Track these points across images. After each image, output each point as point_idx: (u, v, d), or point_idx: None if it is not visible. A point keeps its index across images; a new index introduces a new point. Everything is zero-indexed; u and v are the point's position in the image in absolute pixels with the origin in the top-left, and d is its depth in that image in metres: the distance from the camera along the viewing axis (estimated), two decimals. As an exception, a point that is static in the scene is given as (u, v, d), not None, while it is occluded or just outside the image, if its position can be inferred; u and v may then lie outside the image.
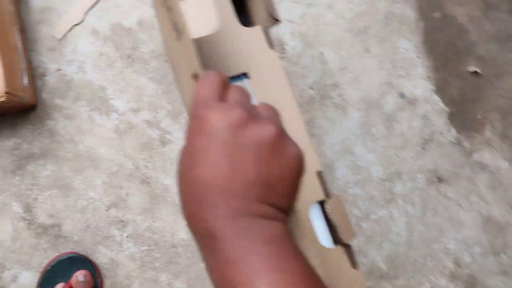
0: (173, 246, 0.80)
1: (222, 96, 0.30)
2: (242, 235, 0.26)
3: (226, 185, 0.27)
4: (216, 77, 0.31)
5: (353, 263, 0.40)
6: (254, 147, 0.27)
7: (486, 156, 1.00)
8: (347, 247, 0.40)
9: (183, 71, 0.51)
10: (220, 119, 0.28)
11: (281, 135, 0.29)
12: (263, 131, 0.28)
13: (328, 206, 0.41)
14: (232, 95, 0.30)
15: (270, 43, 0.43)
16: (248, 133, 0.27)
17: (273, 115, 0.31)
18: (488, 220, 0.98)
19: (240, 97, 0.30)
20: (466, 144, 0.99)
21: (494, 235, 0.98)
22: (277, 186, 0.28)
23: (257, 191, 0.27)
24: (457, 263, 0.95)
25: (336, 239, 0.41)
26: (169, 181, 0.82)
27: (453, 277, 0.94)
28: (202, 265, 0.81)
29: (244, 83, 0.41)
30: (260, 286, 0.24)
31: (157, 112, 0.84)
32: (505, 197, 1.00)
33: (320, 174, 0.42)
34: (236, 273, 0.25)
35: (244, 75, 0.42)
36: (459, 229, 0.96)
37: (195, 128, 0.28)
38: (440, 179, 0.97)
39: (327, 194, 0.41)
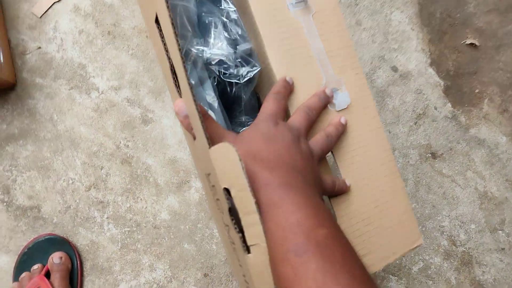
0: (155, 227, 0.67)
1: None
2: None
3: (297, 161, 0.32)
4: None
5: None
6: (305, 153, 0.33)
7: (483, 130, 0.83)
8: None
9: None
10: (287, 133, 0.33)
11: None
12: (302, 145, 0.34)
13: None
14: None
15: None
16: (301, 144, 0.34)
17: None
18: (484, 196, 0.82)
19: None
20: (462, 118, 0.82)
21: (490, 211, 0.82)
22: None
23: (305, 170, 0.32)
24: (452, 241, 0.79)
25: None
26: (151, 161, 0.68)
27: (448, 255, 0.78)
28: (185, 246, 0.67)
29: None
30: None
31: (139, 90, 0.70)
32: (502, 172, 0.83)
33: None
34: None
35: None
36: (454, 206, 0.80)
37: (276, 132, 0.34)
38: (434, 155, 0.80)
39: None
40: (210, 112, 0.38)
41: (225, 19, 0.39)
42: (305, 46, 0.35)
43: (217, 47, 0.38)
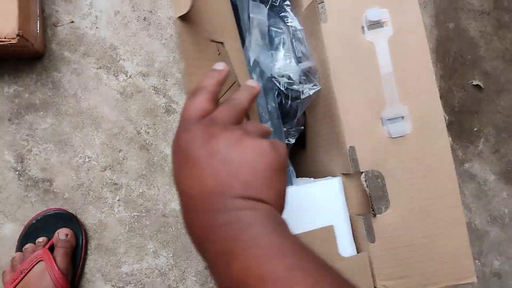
0: (164, 216, 0.66)
1: (207, 112, 0.29)
2: (224, 229, 0.24)
3: (200, 192, 0.26)
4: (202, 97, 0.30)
5: None
6: (219, 154, 0.26)
7: (475, 167, 0.86)
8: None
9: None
10: (189, 141, 0.26)
11: (241, 137, 0.27)
12: (223, 138, 0.26)
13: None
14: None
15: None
16: (214, 144, 0.26)
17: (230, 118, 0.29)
18: (468, 227, 0.85)
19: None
20: (459, 152, 0.85)
21: (471, 242, 0.84)
22: (251, 181, 0.25)
23: (229, 189, 0.25)
24: (435, 265, 0.82)
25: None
26: (169, 151, 0.67)
27: (429, 277, 0.81)
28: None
29: None
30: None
31: (166, 80, 0.68)
32: (487, 207, 0.86)
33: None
34: (221, 264, 0.25)
35: None
36: (441, 233, 0.83)
37: (175, 149, 0.28)
38: (431, 184, 0.83)
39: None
40: (269, 123, 0.38)
41: (291, 36, 0.39)
42: (374, 70, 0.35)
43: (285, 63, 0.38)
